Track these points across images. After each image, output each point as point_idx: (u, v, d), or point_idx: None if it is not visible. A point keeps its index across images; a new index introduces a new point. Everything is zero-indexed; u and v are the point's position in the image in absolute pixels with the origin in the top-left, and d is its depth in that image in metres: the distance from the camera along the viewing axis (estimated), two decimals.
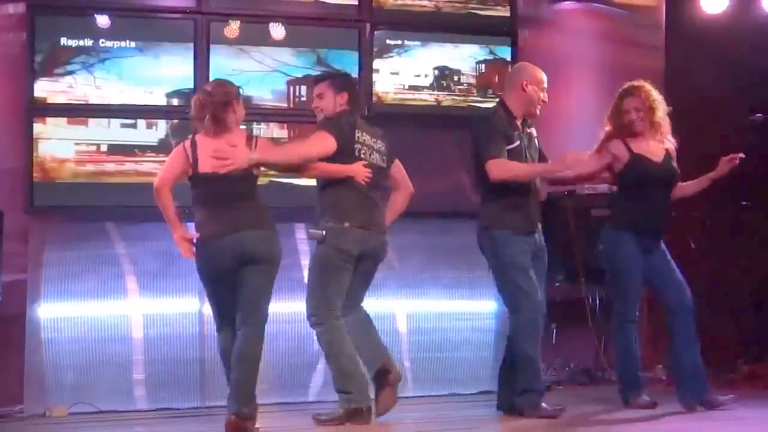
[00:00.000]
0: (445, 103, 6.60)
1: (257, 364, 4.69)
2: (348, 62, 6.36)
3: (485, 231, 4.99)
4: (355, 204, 4.89)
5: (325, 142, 4.83)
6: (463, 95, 6.63)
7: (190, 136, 4.80)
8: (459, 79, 6.63)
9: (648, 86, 5.35)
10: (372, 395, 4.90)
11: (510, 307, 5.01)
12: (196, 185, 4.73)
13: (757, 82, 7.02)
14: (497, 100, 5.27)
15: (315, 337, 4.95)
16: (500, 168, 4.89)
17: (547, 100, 5.16)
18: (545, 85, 5.13)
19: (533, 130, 5.18)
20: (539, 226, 5.15)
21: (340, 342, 4.82)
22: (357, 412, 4.78)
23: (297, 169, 4.95)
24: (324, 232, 4.85)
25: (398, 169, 5.17)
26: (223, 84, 4.86)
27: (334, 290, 4.86)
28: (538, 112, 5.14)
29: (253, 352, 4.67)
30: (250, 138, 4.82)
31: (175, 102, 6.19)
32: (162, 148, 6.11)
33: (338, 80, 5.15)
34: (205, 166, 4.66)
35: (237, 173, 4.63)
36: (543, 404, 4.95)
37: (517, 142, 5.00)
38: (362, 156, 4.94)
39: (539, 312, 5.01)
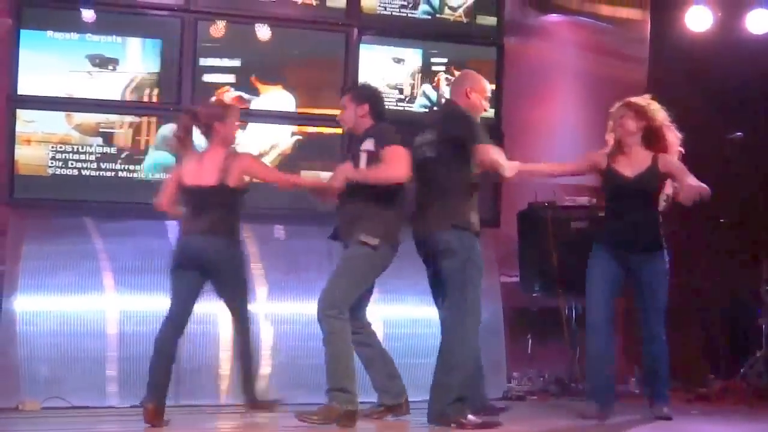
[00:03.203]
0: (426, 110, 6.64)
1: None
2: None
3: (457, 230, 4.86)
4: (398, 225, 5.00)
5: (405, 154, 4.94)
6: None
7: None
8: (444, 85, 6.66)
9: (642, 101, 5.35)
10: None
11: (459, 311, 4.85)
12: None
13: (737, 101, 7.11)
14: (448, 101, 5.24)
15: (323, 333, 4.86)
16: (495, 152, 4.82)
17: (488, 108, 5.21)
18: (488, 94, 5.18)
19: None
20: None
21: (349, 341, 4.87)
22: (350, 415, 4.79)
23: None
24: (378, 241, 4.89)
25: None
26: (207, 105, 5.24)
27: (358, 294, 4.95)
28: (479, 120, 5.11)
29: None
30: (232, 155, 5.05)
31: (159, 99, 6.19)
32: (144, 144, 6.12)
33: (358, 91, 5.22)
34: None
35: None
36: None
37: None
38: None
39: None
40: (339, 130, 6.02)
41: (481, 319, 4.96)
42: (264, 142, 6.32)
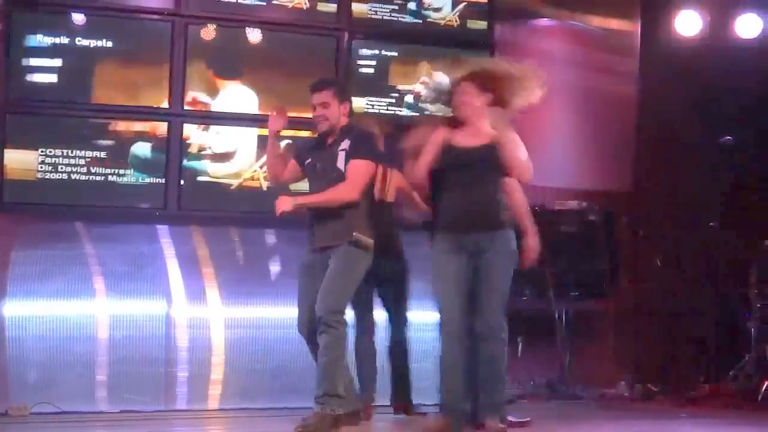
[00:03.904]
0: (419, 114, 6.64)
1: None
2: None
3: (511, 235, 4.78)
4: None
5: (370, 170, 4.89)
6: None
7: None
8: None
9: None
10: None
11: (503, 310, 4.73)
12: None
13: (727, 105, 7.14)
14: None
15: (325, 336, 4.70)
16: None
17: None
18: None
19: None
20: None
21: (345, 346, 4.82)
22: (340, 419, 4.77)
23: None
24: (372, 242, 4.86)
25: None
26: None
27: (352, 296, 4.90)
28: None
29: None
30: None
31: (150, 103, 6.18)
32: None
33: (341, 89, 5.04)
34: None
35: None
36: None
37: None
38: None
39: None
40: None
41: None
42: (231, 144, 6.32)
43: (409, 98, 6.62)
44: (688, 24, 7.22)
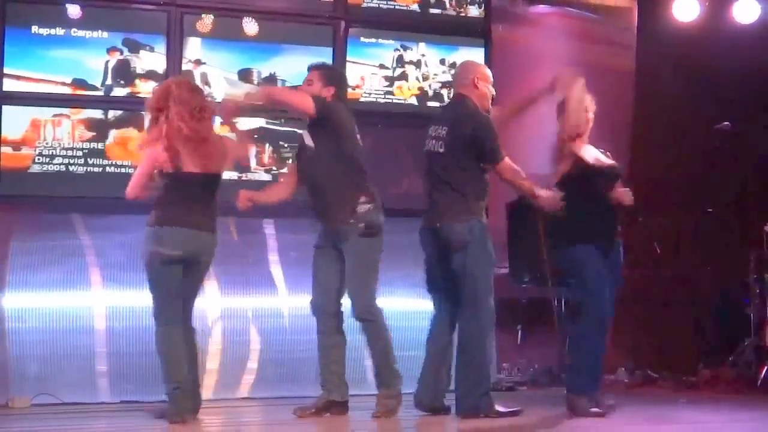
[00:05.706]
0: (416, 103, 6.62)
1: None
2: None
3: (472, 225, 4.91)
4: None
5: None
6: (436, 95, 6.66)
7: None
8: (432, 78, 6.65)
9: None
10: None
11: (475, 304, 4.92)
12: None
13: (725, 91, 7.13)
14: (459, 96, 5.13)
15: (367, 331, 4.96)
16: (513, 171, 4.93)
17: (495, 93, 5.16)
18: (492, 79, 5.16)
19: None
20: None
21: (387, 329, 4.97)
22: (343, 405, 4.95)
23: None
24: (380, 220, 4.92)
25: None
26: None
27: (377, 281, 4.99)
28: (490, 106, 5.14)
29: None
30: None
31: (147, 94, 6.16)
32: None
33: (329, 73, 5.13)
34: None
35: None
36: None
37: None
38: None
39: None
40: None
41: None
42: None
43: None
44: (685, 9, 7.20)
